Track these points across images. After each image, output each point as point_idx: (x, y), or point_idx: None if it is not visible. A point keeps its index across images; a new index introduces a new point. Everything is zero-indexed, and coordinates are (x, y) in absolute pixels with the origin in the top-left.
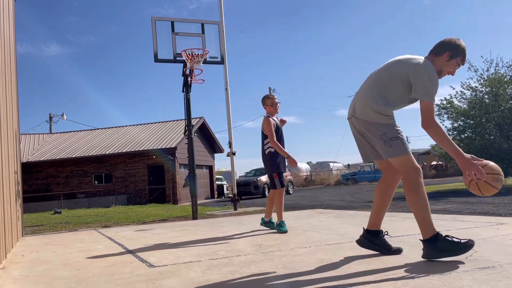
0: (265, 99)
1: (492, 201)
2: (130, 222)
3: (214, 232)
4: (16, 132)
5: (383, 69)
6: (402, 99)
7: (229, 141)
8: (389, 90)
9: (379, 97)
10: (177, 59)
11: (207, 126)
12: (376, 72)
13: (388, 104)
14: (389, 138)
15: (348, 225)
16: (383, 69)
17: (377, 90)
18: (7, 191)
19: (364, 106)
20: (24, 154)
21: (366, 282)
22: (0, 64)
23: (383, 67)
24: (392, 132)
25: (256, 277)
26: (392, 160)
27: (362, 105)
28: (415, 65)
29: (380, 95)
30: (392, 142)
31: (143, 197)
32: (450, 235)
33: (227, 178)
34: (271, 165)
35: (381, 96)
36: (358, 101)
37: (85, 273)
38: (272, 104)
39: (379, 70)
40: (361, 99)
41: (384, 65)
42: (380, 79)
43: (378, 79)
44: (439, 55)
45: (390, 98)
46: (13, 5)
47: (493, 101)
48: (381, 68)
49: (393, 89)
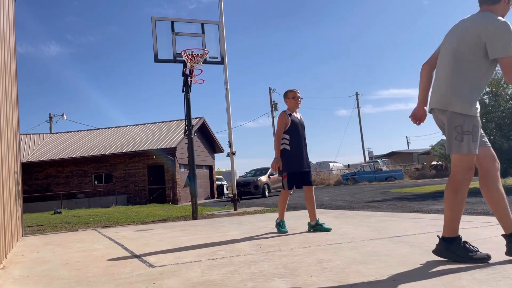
0: (288, 92)
1: None
2: (130, 222)
3: (214, 232)
4: (16, 132)
5: (450, 43)
6: (485, 73)
7: (229, 141)
8: (470, 69)
9: (463, 82)
10: (177, 59)
11: (207, 126)
12: (445, 49)
13: (472, 89)
14: (464, 131)
15: (348, 225)
16: (451, 44)
17: (459, 74)
18: (7, 191)
19: (447, 95)
20: (24, 154)
21: (366, 282)
22: (0, 64)
23: (449, 42)
24: (468, 126)
25: (256, 277)
26: (453, 155)
27: (444, 94)
28: (482, 22)
29: (464, 80)
30: (464, 136)
31: (143, 197)
32: (469, 243)
33: (227, 178)
34: (282, 164)
35: (465, 80)
36: (440, 90)
37: (85, 273)
38: (294, 97)
39: (447, 47)
40: (443, 87)
41: (449, 39)
42: (455, 56)
43: (453, 56)
44: (496, 2)
45: (472, 78)
46: (13, 5)
47: (493, 101)
48: (448, 44)
49: (473, 63)
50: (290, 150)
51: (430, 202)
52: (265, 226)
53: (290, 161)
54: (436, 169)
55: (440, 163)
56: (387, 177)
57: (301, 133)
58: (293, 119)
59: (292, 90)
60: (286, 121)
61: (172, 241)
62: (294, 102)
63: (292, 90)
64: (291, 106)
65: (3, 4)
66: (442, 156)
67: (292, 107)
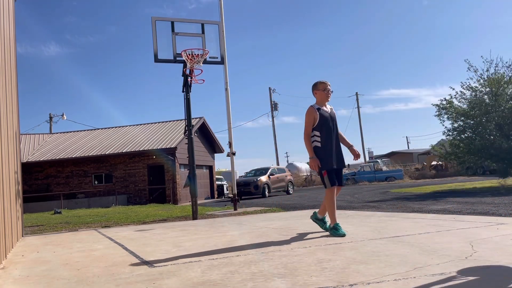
0: (318, 83)
1: (492, 201)
2: (130, 222)
3: (214, 232)
4: (16, 132)
5: None
6: None
7: (229, 141)
8: None
9: None
10: (177, 59)
11: (207, 126)
12: None
13: None
14: None
15: (348, 225)
16: None
17: None
18: (7, 191)
19: None
20: (24, 154)
21: (366, 282)
22: (0, 64)
23: None
24: None
25: (256, 277)
26: None
27: None
28: None
29: None
30: None
31: (143, 197)
32: None
33: (227, 178)
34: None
35: None
36: None
37: (85, 273)
38: (324, 89)
39: None
40: None
41: None
42: None
43: None
44: None
45: None
46: (13, 5)
47: (493, 101)
48: None
49: None
50: (322, 147)
51: (430, 202)
52: (265, 226)
53: (325, 158)
54: (436, 169)
55: (440, 163)
56: (387, 177)
57: (332, 127)
58: (322, 113)
59: (322, 82)
60: (314, 116)
61: (172, 241)
62: (325, 95)
63: (322, 82)
64: (320, 98)
65: (3, 4)
66: (442, 156)
67: (322, 100)
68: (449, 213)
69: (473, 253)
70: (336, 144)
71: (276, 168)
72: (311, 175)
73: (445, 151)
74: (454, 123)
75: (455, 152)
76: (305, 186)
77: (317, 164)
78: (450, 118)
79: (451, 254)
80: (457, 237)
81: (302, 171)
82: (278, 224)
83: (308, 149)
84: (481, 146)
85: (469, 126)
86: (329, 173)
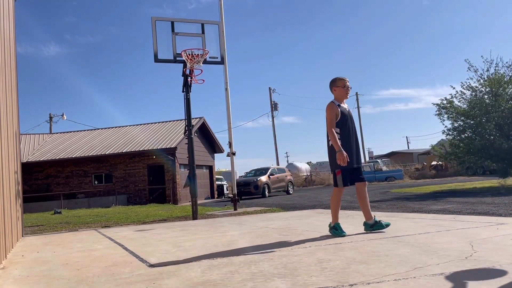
0: (337, 80)
1: (492, 201)
2: (130, 222)
3: (214, 232)
4: (16, 132)
5: None
6: None
7: (229, 141)
8: None
9: None
10: (177, 59)
11: (207, 126)
12: None
13: None
14: None
15: (348, 225)
16: None
17: None
18: (7, 191)
19: None
20: (24, 154)
21: (366, 282)
22: (0, 64)
23: None
24: None
25: (256, 277)
26: None
27: None
28: None
29: None
30: None
31: (143, 197)
32: None
33: (227, 178)
34: (334, 160)
35: None
36: None
37: (85, 273)
38: (344, 86)
39: None
40: None
41: None
42: None
43: None
44: None
45: None
46: (13, 5)
47: (493, 101)
48: None
49: None
50: (342, 145)
51: (430, 202)
52: (265, 226)
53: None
54: (436, 169)
55: (440, 163)
56: (387, 177)
57: (351, 126)
58: (342, 110)
59: (341, 78)
60: (336, 111)
61: (172, 241)
62: (344, 92)
63: (341, 78)
64: (339, 95)
65: (3, 4)
66: (442, 156)
67: (341, 97)
68: (449, 213)
69: (473, 253)
70: (355, 142)
71: (276, 168)
72: (311, 175)
73: (445, 151)
74: (454, 123)
75: (455, 152)
76: (305, 186)
77: (346, 157)
78: (450, 118)
79: (451, 254)
80: (457, 237)
81: (302, 171)
82: (278, 224)
83: (334, 143)
84: (481, 146)
85: (469, 126)
86: (344, 173)
